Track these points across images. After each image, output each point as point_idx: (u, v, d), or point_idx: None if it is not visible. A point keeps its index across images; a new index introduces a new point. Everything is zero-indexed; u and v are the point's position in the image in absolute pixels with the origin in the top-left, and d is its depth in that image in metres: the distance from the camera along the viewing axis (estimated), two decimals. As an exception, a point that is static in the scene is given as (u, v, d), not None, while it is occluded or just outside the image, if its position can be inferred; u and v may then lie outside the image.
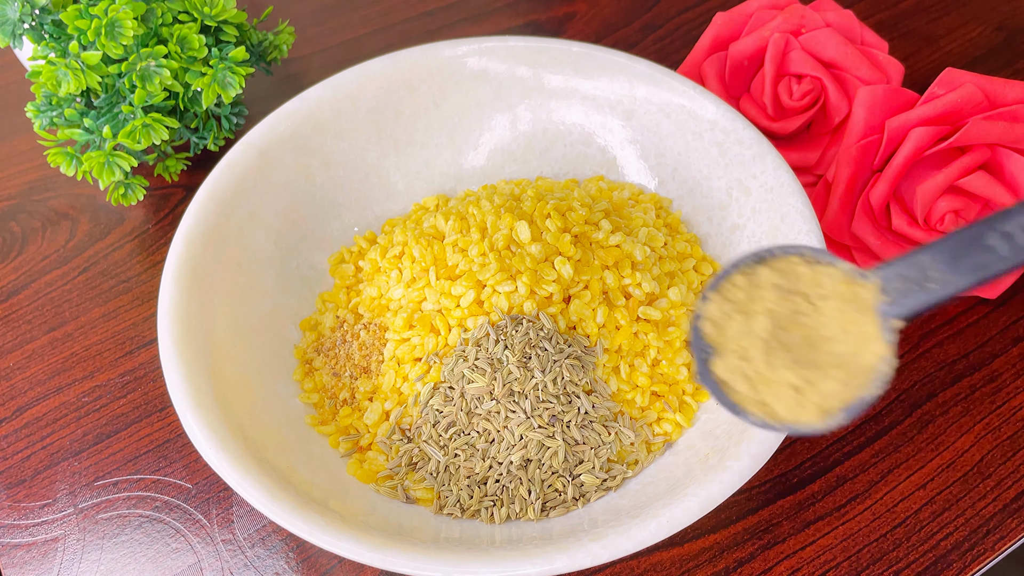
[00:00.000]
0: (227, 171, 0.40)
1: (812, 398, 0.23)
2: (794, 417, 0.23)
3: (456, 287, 0.36)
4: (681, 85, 0.41)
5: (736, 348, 0.24)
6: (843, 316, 0.23)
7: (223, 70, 0.43)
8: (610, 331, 0.36)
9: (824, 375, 0.23)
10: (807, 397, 0.23)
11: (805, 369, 0.23)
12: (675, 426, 0.36)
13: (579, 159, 0.45)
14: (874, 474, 0.38)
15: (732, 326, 0.24)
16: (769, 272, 0.24)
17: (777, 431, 0.24)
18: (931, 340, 0.42)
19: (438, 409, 0.36)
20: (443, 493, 0.35)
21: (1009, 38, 0.55)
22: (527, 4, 0.59)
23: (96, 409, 0.41)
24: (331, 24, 0.58)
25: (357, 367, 0.38)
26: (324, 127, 0.43)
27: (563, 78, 0.43)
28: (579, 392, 0.35)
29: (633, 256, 0.37)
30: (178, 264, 0.37)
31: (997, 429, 0.39)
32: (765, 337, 0.24)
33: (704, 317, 0.25)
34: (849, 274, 0.24)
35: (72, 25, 0.41)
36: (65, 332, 0.44)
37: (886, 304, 0.23)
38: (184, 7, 0.44)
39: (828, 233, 0.43)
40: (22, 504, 0.39)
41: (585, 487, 0.35)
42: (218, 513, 0.38)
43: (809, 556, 0.36)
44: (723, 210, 0.41)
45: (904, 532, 0.37)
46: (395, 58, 0.43)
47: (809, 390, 0.23)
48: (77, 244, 0.48)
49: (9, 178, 0.51)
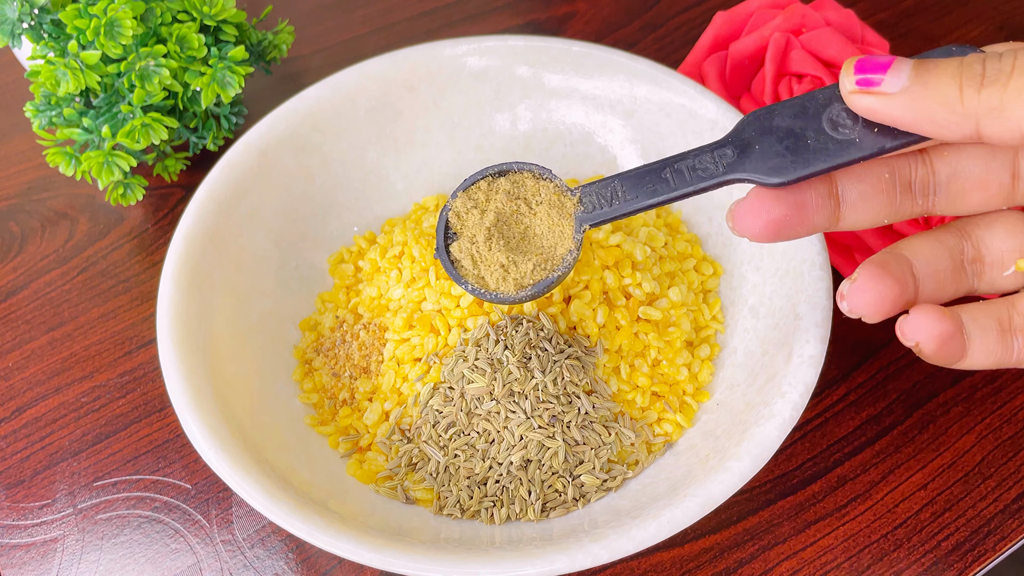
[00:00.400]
0: (226, 171, 0.40)
1: (513, 275, 0.30)
2: (497, 288, 0.30)
3: (456, 287, 0.36)
4: (681, 84, 0.41)
5: (468, 234, 0.30)
6: (550, 218, 0.30)
7: (222, 70, 0.43)
8: (610, 331, 0.36)
9: (526, 259, 0.30)
10: (510, 274, 0.30)
11: (514, 253, 0.30)
12: (675, 426, 0.36)
13: (579, 159, 0.45)
14: (875, 474, 0.38)
15: (470, 218, 0.31)
16: (505, 181, 0.31)
17: (484, 297, 0.30)
18: (932, 340, 0.42)
19: (438, 409, 0.36)
20: (443, 494, 0.35)
21: (1010, 38, 0.55)
22: (527, 3, 0.59)
23: (95, 409, 0.41)
24: (330, 24, 0.58)
25: (357, 367, 0.38)
26: (323, 127, 0.43)
27: (563, 77, 0.43)
28: (579, 392, 0.35)
29: (633, 256, 0.37)
30: (177, 264, 0.37)
31: (998, 429, 0.39)
32: (489, 227, 0.30)
33: (451, 209, 0.31)
34: (560, 188, 0.30)
35: (71, 24, 0.40)
36: (64, 332, 0.44)
37: (581, 212, 0.29)
38: (183, 6, 0.44)
39: (829, 233, 0.43)
40: (21, 504, 0.39)
41: (585, 488, 0.35)
42: (217, 514, 0.38)
43: (810, 557, 0.36)
44: (723, 210, 0.41)
45: (905, 532, 0.36)
46: (395, 58, 0.43)
47: (512, 268, 0.30)
48: (76, 244, 0.48)
49: (8, 178, 0.51)
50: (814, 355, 0.33)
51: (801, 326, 0.34)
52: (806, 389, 0.32)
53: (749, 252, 0.39)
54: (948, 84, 0.22)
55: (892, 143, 0.25)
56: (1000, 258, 0.27)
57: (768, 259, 0.38)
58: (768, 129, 0.26)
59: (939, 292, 0.27)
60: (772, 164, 0.26)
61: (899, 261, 0.26)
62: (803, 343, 0.33)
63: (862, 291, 0.26)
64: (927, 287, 0.26)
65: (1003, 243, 0.27)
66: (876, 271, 0.26)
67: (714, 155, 0.27)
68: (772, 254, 0.38)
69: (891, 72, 0.23)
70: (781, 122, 0.26)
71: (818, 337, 0.33)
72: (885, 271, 0.26)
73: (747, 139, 0.26)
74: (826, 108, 0.25)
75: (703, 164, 0.27)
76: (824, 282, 0.34)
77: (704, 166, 0.27)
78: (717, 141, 0.27)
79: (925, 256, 0.26)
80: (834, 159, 0.25)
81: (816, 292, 0.34)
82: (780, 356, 0.34)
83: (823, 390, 0.41)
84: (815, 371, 0.32)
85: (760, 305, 0.37)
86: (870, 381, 0.41)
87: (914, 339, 0.25)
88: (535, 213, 0.30)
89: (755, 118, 0.26)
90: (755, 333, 0.37)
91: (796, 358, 0.33)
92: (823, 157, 0.25)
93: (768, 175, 0.26)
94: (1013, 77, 0.21)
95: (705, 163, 0.27)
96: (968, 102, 0.21)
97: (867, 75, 0.23)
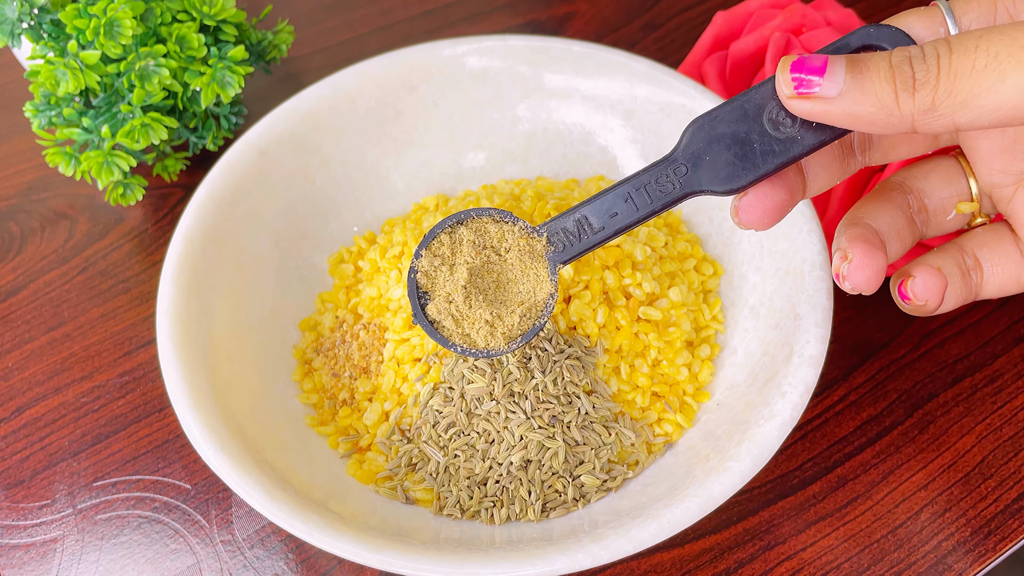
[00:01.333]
0: (226, 171, 0.40)
1: (500, 329, 0.30)
2: (487, 344, 0.30)
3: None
4: (682, 84, 0.41)
5: (443, 293, 0.30)
6: (522, 263, 0.30)
7: (222, 69, 0.43)
8: (610, 331, 0.36)
9: (510, 311, 0.30)
10: (497, 328, 0.30)
11: (495, 307, 0.30)
12: (676, 427, 0.36)
13: (579, 159, 0.45)
14: (875, 475, 0.38)
15: (440, 276, 0.30)
16: (466, 231, 0.30)
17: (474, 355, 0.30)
18: (932, 340, 0.42)
19: (438, 410, 0.36)
20: (443, 494, 0.35)
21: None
22: (527, 3, 0.59)
23: (95, 409, 0.41)
24: (330, 24, 0.58)
25: (356, 367, 0.38)
26: (323, 127, 0.43)
27: (563, 77, 0.43)
28: (579, 393, 0.35)
29: (633, 256, 0.37)
30: (177, 264, 0.37)
31: (998, 429, 0.39)
32: (464, 284, 0.30)
33: (418, 270, 0.30)
34: (525, 230, 0.30)
35: (71, 24, 0.40)
36: (64, 332, 0.44)
37: (552, 252, 0.29)
38: (183, 6, 0.43)
39: (829, 233, 0.43)
40: (21, 505, 0.39)
41: (585, 488, 0.35)
42: (217, 514, 0.38)
43: (810, 557, 0.36)
44: (724, 210, 0.40)
45: (905, 533, 0.36)
46: (395, 58, 0.43)
47: (498, 323, 0.30)
48: (76, 244, 0.48)
49: (7, 178, 0.51)
50: (814, 355, 0.33)
51: (801, 326, 0.34)
52: (806, 389, 0.32)
53: (749, 252, 0.39)
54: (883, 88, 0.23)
55: (831, 135, 0.26)
56: (941, 205, 0.29)
57: (768, 259, 0.38)
58: (714, 138, 0.27)
59: (900, 248, 0.29)
60: (724, 174, 0.27)
61: (869, 230, 0.28)
62: (803, 343, 0.33)
63: (861, 268, 0.27)
64: (892, 247, 0.29)
65: (941, 190, 0.29)
66: (866, 247, 0.27)
67: (668, 172, 0.27)
68: (772, 254, 0.38)
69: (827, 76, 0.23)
70: (725, 128, 0.26)
71: (818, 337, 0.33)
72: (871, 245, 0.27)
73: (696, 151, 0.27)
74: (764, 108, 0.26)
75: (661, 184, 0.28)
76: (824, 282, 0.34)
77: (662, 185, 0.28)
78: (669, 157, 0.27)
79: (885, 219, 0.28)
80: (780, 158, 0.26)
81: (816, 292, 0.34)
82: (780, 356, 0.34)
83: (823, 390, 0.41)
84: (815, 371, 0.32)
85: (760, 305, 0.37)
86: (870, 381, 0.41)
87: (924, 299, 0.28)
88: (506, 260, 0.30)
89: (699, 128, 0.27)
90: (755, 333, 0.37)
91: (796, 358, 0.33)
92: (770, 159, 0.26)
93: (723, 184, 0.27)
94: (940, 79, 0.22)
95: (662, 182, 0.28)
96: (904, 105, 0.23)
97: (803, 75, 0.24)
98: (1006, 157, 0.27)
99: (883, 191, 0.29)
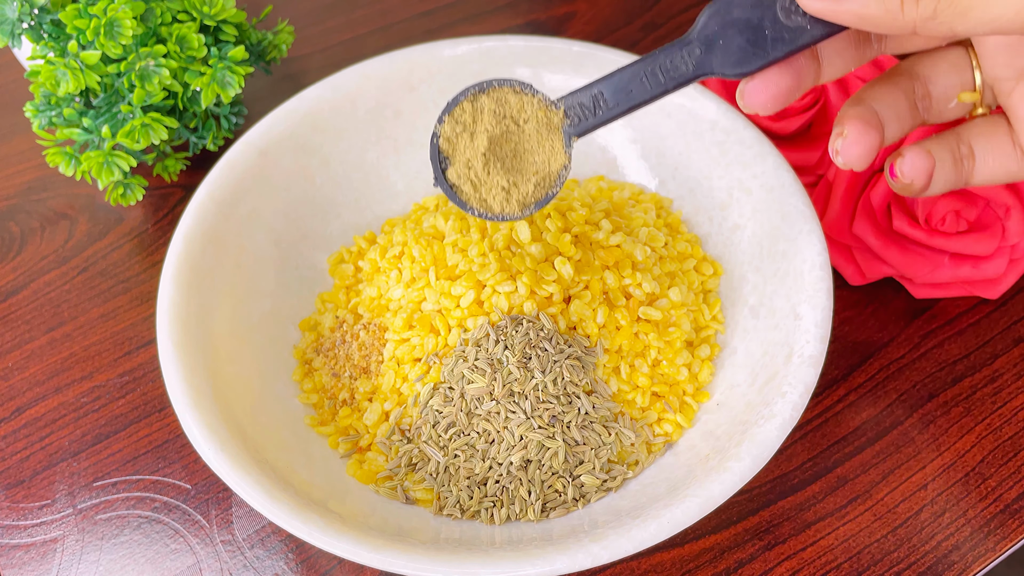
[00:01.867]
0: (226, 171, 0.40)
1: (516, 196, 0.31)
2: (502, 210, 0.31)
3: (456, 287, 0.36)
4: (681, 85, 0.41)
5: (463, 159, 0.31)
6: (539, 135, 0.31)
7: (222, 70, 0.43)
8: (610, 331, 0.36)
9: (525, 179, 0.31)
10: (512, 196, 0.31)
11: (512, 175, 0.31)
12: (675, 427, 0.36)
13: (579, 159, 0.45)
14: (875, 475, 0.38)
15: (460, 142, 0.31)
16: (488, 100, 0.31)
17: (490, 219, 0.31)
18: (932, 340, 0.42)
19: (438, 410, 0.36)
20: (443, 494, 0.35)
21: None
22: (527, 4, 0.59)
23: (95, 409, 0.41)
24: (331, 24, 0.58)
25: (357, 367, 0.38)
26: (324, 127, 0.43)
27: (563, 78, 0.43)
28: (579, 393, 0.35)
29: (633, 256, 0.37)
30: (177, 264, 0.37)
31: (998, 430, 0.39)
32: (484, 151, 0.31)
33: (440, 136, 0.31)
34: (544, 102, 0.30)
35: (71, 24, 0.40)
36: (64, 332, 0.44)
37: (568, 126, 0.30)
38: (183, 6, 0.44)
39: (829, 233, 0.43)
40: (21, 505, 0.39)
41: (585, 488, 0.35)
42: (217, 514, 0.38)
43: (810, 557, 0.36)
44: (724, 210, 0.41)
45: (905, 533, 0.36)
46: (395, 58, 0.43)
47: (514, 190, 0.31)
48: (76, 244, 0.48)
49: (8, 178, 0.51)
50: (814, 355, 0.33)
51: (801, 326, 0.34)
52: (806, 389, 0.32)
53: (749, 252, 0.39)
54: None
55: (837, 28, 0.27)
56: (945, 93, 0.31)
57: (768, 259, 0.38)
58: (728, 23, 0.28)
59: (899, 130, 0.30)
60: (736, 58, 0.28)
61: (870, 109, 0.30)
62: (803, 343, 0.33)
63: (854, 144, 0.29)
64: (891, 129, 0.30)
65: (947, 79, 0.30)
66: (861, 126, 0.29)
67: (683, 53, 0.28)
68: (772, 254, 0.38)
69: None
70: (740, 14, 0.27)
71: (818, 337, 0.33)
72: (868, 125, 0.29)
73: (710, 34, 0.28)
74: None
75: (674, 64, 0.29)
76: (824, 282, 0.34)
77: (675, 66, 0.29)
78: (683, 39, 0.28)
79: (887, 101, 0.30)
80: (790, 45, 0.27)
81: (816, 292, 0.34)
82: (780, 356, 0.34)
83: (823, 390, 0.41)
84: (815, 371, 0.32)
85: (760, 305, 0.37)
86: (870, 381, 0.41)
87: (911, 178, 0.30)
88: (523, 131, 0.31)
89: (715, 12, 0.28)
90: (755, 333, 0.37)
91: (796, 358, 0.33)
92: (780, 46, 0.27)
93: (733, 68, 0.28)
94: None
95: (676, 63, 0.29)
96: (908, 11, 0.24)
97: None
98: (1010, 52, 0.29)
99: (891, 75, 0.31)
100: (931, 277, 0.42)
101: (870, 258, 0.42)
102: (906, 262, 0.41)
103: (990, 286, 0.42)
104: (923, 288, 0.42)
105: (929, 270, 0.41)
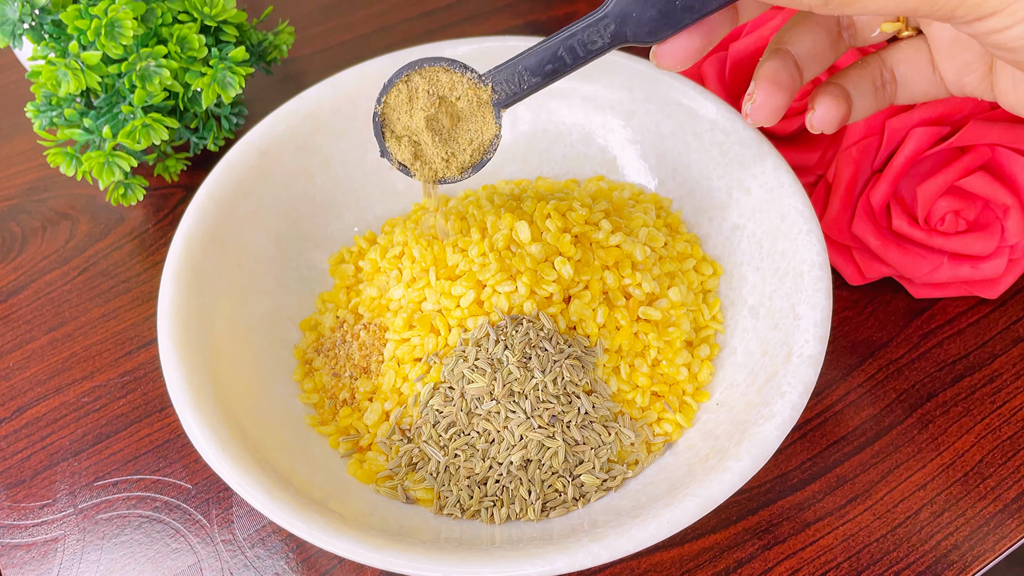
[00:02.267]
0: (227, 171, 0.40)
1: (454, 164, 0.34)
2: (444, 174, 0.34)
3: (456, 287, 0.36)
4: (681, 85, 0.41)
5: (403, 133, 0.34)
6: (471, 108, 0.33)
7: (223, 70, 0.43)
8: (610, 331, 0.36)
9: (462, 149, 0.34)
10: (451, 164, 0.34)
11: (449, 145, 0.34)
12: (675, 426, 0.36)
13: (579, 159, 0.45)
14: (874, 474, 0.38)
15: (400, 121, 0.34)
16: (420, 79, 0.33)
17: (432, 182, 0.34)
18: (931, 340, 0.42)
19: (438, 409, 0.36)
20: (443, 493, 0.35)
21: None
22: (527, 4, 0.59)
23: (96, 409, 0.41)
24: (331, 24, 0.58)
25: (357, 367, 0.38)
26: (324, 127, 0.43)
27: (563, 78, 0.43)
28: (579, 392, 0.35)
29: (633, 256, 0.37)
30: (178, 264, 0.37)
31: (997, 429, 0.39)
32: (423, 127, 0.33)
33: (380, 114, 0.34)
34: (473, 80, 0.33)
35: (72, 25, 0.41)
36: (65, 332, 0.44)
37: (496, 99, 0.33)
38: (184, 7, 0.44)
39: (828, 233, 0.43)
40: (22, 504, 0.39)
41: (585, 487, 0.35)
42: (218, 513, 0.38)
43: (809, 556, 0.36)
44: (723, 210, 0.41)
45: (904, 532, 0.37)
46: (395, 58, 0.43)
47: (453, 160, 0.34)
48: (77, 244, 0.48)
49: (9, 178, 0.51)
50: (813, 355, 0.33)
51: (801, 326, 0.34)
52: (806, 389, 0.32)
53: (749, 252, 0.39)
54: None
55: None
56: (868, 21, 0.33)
57: (768, 259, 0.38)
58: None
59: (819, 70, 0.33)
60: (649, 28, 0.30)
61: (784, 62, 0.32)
62: (802, 343, 0.33)
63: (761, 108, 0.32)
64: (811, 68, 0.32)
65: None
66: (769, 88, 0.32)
67: (599, 28, 0.30)
68: (772, 254, 0.38)
69: None
70: None
71: (818, 337, 0.33)
72: (776, 86, 0.31)
73: (623, 10, 0.30)
74: None
75: (591, 38, 0.31)
76: (824, 282, 0.34)
77: (592, 39, 0.31)
78: (596, 13, 0.30)
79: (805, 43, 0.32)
80: (699, 13, 0.29)
81: (816, 292, 0.34)
82: (779, 356, 0.34)
83: (823, 390, 0.41)
84: (815, 371, 0.32)
85: (760, 305, 0.37)
86: (869, 381, 0.41)
87: (821, 129, 0.32)
88: (456, 106, 0.33)
89: None
90: (755, 333, 0.37)
91: (796, 358, 0.33)
92: (690, 13, 0.29)
93: (647, 38, 0.30)
94: None
95: (592, 37, 0.31)
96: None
97: None
98: None
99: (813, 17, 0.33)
100: (930, 277, 0.42)
101: (869, 258, 0.43)
102: (905, 262, 0.41)
103: (989, 286, 0.42)
104: (922, 288, 0.42)
105: (928, 270, 0.41)
